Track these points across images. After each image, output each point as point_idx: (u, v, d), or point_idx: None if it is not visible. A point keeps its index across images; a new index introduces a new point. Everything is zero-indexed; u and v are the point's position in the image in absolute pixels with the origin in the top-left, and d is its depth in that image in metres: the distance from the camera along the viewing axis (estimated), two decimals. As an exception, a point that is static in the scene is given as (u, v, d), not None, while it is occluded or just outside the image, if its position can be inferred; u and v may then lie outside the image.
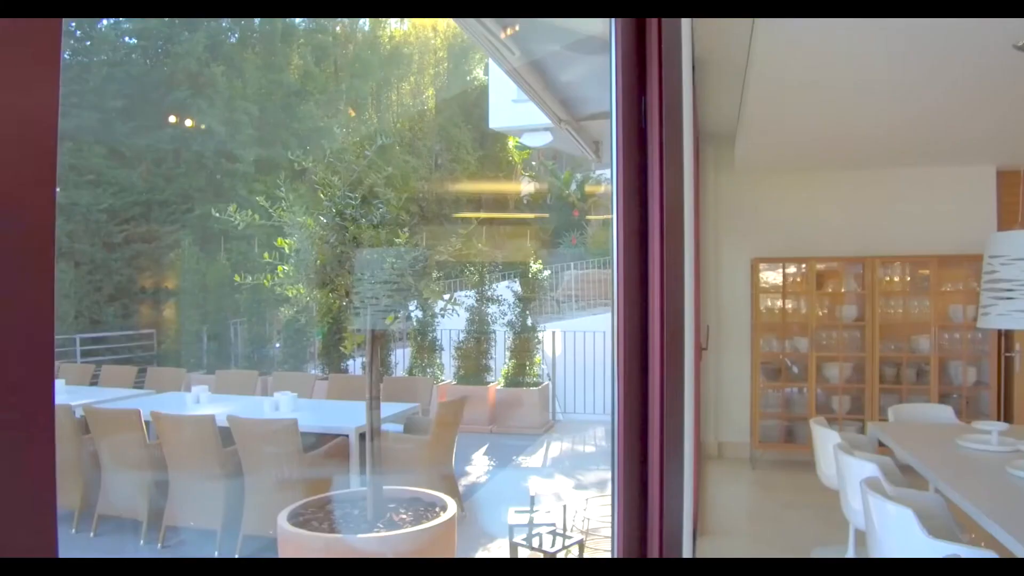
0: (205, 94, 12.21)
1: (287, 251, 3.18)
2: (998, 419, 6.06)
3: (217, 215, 3.27)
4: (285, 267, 3.16)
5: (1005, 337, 6.22)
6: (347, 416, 4.94)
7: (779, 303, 6.56)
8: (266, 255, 3.31)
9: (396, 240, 3.27)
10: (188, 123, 11.59)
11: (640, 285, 1.92)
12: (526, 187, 18.74)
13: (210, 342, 9.70)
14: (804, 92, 4.07)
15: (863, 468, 3.06)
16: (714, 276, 6.68)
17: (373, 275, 3.04)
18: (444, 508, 3.43)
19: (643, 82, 1.95)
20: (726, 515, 5.13)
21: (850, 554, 4.01)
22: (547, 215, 16.83)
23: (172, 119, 11.53)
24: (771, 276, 6.58)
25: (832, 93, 4.09)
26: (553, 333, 9.45)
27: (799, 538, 4.52)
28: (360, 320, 3.20)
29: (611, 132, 1.94)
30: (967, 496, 2.71)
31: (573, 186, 16.36)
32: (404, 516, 3.40)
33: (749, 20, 3.18)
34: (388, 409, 5.00)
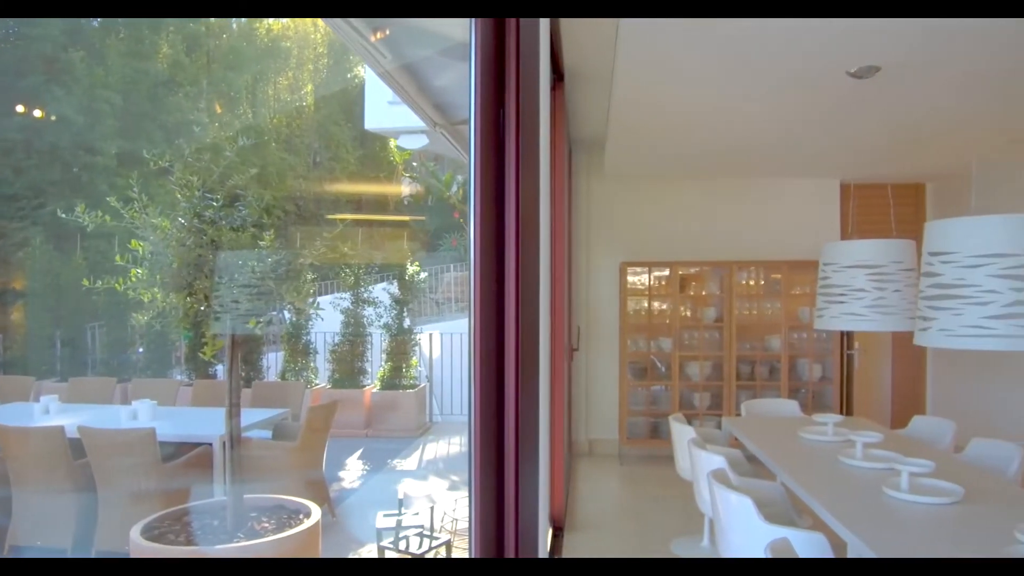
0: (62, 81, 11.37)
1: (140, 254, 3.03)
2: (841, 411, 6.59)
3: (63, 215, 3.08)
4: (139, 270, 3.02)
5: (847, 337, 6.76)
6: (211, 424, 4.75)
7: (646, 305, 6.85)
8: (119, 257, 3.14)
9: (260, 243, 3.19)
10: (37, 113, 10.76)
11: (496, 291, 1.97)
12: (407, 188, 18.58)
13: (64, 347, 9.04)
14: (666, 105, 4.28)
15: (712, 461, 3.26)
16: (585, 279, 6.90)
17: (233, 279, 2.95)
18: (308, 515, 3.37)
19: (502, 88, 1.99)
20: (595, 510, 5.30)
21: (705, 543, 4.26)
22: (428, 217, 16.78)
23: (20, 108, 10.67)
24: (639, 279, 6.87)
25: (691, 107, 4.32)
26: (431, 335, 9.44)
27: (661, 530, 4.74)
28: (220, 325, 3.10)
29: (470, 138, 1.98)
30: (802, 484, 2.94)
31: (454, 188, 16.38)
32: (266, 524, 3.32)
33: (613, 33, 3.31)
34: (256, 415, 4.85)
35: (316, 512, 3.41)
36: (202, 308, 3.09)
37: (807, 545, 2.44)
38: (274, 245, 3.18)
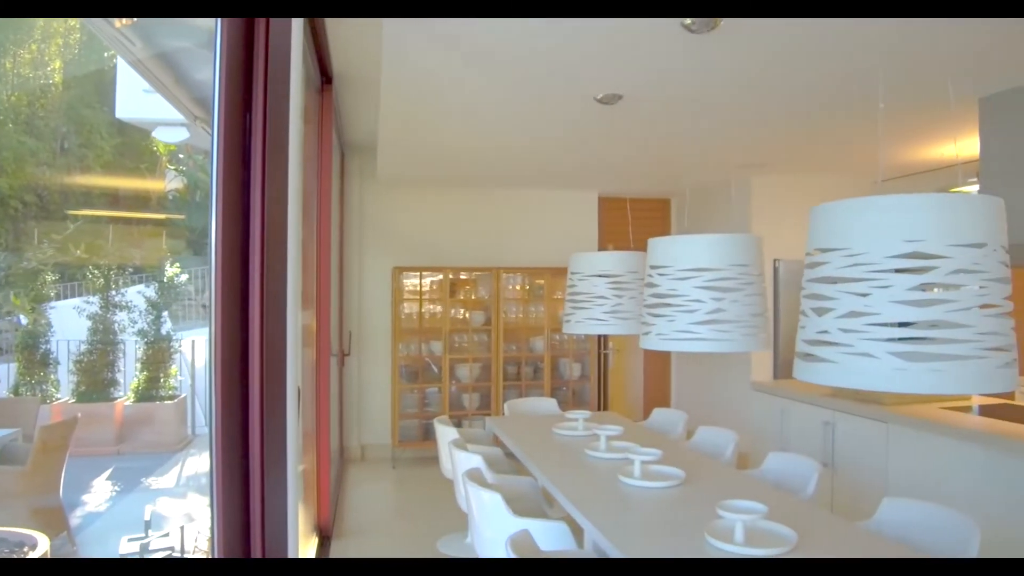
0: None
1: None
2: (598, 407, 7.12)
3: None
4: None
5: (602, 338, 7.32)
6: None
7: (417, 309, 6.95)
8: None
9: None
10: None
11: (241, 298, 1.92)
12: (172, 182, 17.21)
13: None
14: (433, 114, 4.37)
15: (470, 460, 3.39)
16: (358, 283, 6.85)
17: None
18: (34, 546, 3.03)
19: (250, 90, 1.94)
20: (366, 515, 5.28)
21: (469, 539, 4.40)
22: (194, 214, 15.67)
23: None
24: (412, 283, 6.95)
25: (457, 119, 4.46)
26: (193, 341, 8.84)
27: (432, 530, 4.83)
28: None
29: (212, 141, 1.90)
30: (550, 477, 3.15)
31: (224, 184, 15.45)
32: (-24, 561, 2.93)
33: (380, 37, 3.33)
34: (-29, 437, 4.27)
35: (44, 543, 3.07)
36: None
37: (549, 534, 2.63)
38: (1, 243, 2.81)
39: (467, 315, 6.96)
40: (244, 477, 1.94)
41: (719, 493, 2.89)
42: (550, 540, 2.68)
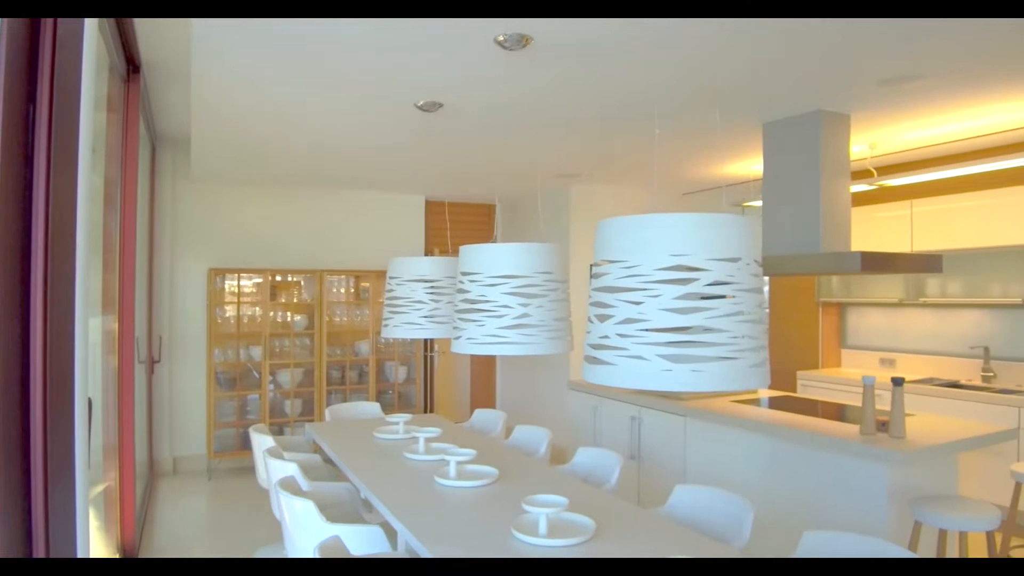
0: None
1: None
2: (424, 409, 7.17)
3: None
4: None
5: (428, 340, 7.39)
6: None
7: (235, 313, 6.67)
8: None
9: None
10: None
11: (20, 308, 1.79)
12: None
13: None
14: (250, 111, 4.23)
15: (285, 468, 3.33)
16: (169, 286, 6.46)
17: None
18: None
19: (33, 81, 1.82)
20: (175, 531, 4.99)
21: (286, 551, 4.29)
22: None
23: None
24: (230, 285, 6.66)
25: (276, 117, 4.34)
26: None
27: (248, 542, 4.67)
28: None
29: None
30: (367, 481, 3.16)
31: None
32: None
33: (189, 27, 3.19)
34: None
35: None
36: None
37: (362, 539, 2.65)
38: None
39: (293, 317, 6.77)
40: (25, 497, 1.81)
41: (529, 489, 3.03)
42: (364, 545, 2.69)
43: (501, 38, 2.89)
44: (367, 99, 3.88)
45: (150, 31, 3.78)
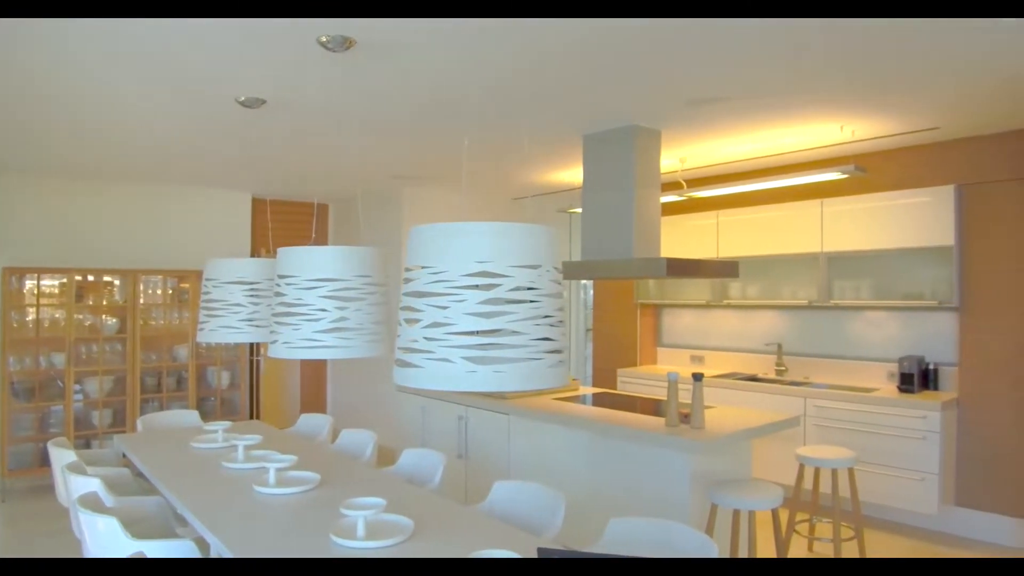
0: None
1: None
2: (250, 416, 6.90)
3: None
4: None
5: (254, 343, 7.12)
6: None
7: (35, 316, 6.09)
8: None
9: None
10: None
11: None
12: None
13: None
14: (38, 96, 3.87)
15: (87, 484, 3.11)
16: (-48, 286, 5.79)
17: None
18: None
19: None
20: (-44, 560, 4.49)
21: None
22: None
23: None
24: (28, 286, 6.07)
25: (72, 102, 3.99)
26: None
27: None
28: None
29: None
30: (179, 494, 3.02)
31: None
32: None
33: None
34: None
35: None
36: None
37: (171, 553, 2.53)
38: None
39: (104, 320, 6.27)
40: None
41: (351, 493, 3.03)
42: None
43: (324, 39, 2.87)
44: (182, 92, 3.70)
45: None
